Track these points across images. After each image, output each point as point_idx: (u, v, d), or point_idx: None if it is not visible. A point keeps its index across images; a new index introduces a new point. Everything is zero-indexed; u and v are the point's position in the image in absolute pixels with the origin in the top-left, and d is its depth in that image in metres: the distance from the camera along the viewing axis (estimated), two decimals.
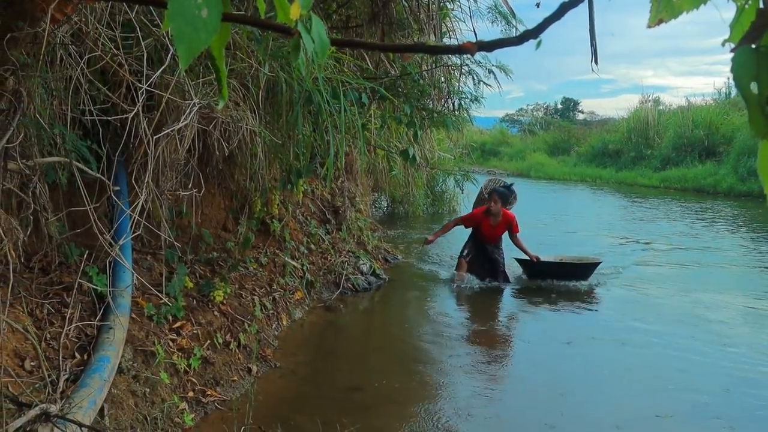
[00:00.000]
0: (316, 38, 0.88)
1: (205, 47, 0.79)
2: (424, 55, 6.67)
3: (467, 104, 7.64)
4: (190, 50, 0.78)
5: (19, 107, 2.50)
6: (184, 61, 0.79)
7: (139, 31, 3.47)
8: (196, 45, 0.78)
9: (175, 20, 0.77)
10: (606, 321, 6.87)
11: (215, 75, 0.94)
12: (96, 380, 3.58)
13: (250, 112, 4.50)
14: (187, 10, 0.77)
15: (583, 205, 18.61)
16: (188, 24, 0.78)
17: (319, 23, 0.88)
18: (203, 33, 0.78)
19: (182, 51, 0.78)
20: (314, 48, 0.88)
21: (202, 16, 0.78)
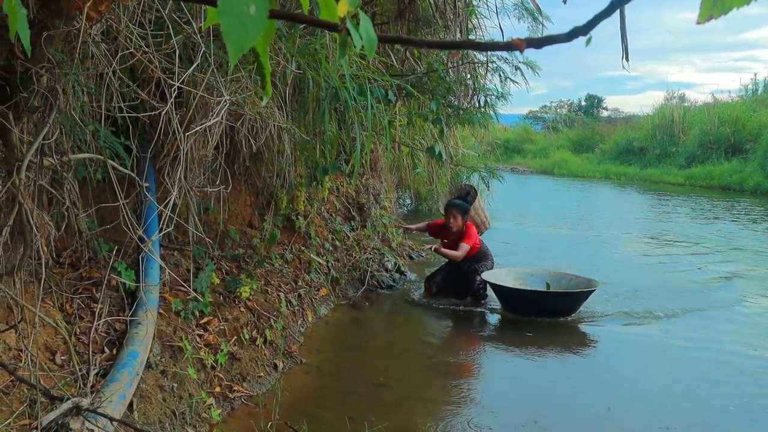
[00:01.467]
0: (365, 35, 0.88)
1: (253, 43, 0.80)
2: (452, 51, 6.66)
3: (493, 101, 7.60)
4: (239, 46, 0.78)
5: (55, 104, 2.53)
6: (234, 57, 0.79)
7: (171, 29, 3.49)
8: (245, 41, 0.79)
9: (224, 17, 0.77)
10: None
11: (258, 71, 0.94)
12: (125, 375, 3.62)
13: (277, 109, 4.52)
14: (235, 7, 0.77)
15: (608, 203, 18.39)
16: (237, 21, 0.78)
17: (367, 20, 0.88)
18: (251, 29, 0.79)
19: (231, 47, 0.78)
20: (362, 44, 0.88)
21: (250, 13, 0.79)
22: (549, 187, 22.83)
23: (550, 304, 6.74)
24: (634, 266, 9.49)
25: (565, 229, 12.97)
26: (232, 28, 0.77)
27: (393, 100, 5.24)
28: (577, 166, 28.73)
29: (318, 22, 0.87)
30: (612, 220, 14.48)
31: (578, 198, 19.69)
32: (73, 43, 3.01)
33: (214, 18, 0.98)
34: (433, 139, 9.04)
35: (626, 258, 10.16)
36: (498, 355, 5.61)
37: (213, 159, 4.49)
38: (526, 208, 16.06)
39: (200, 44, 3.77)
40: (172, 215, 3.56)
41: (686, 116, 27.32)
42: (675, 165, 25.05)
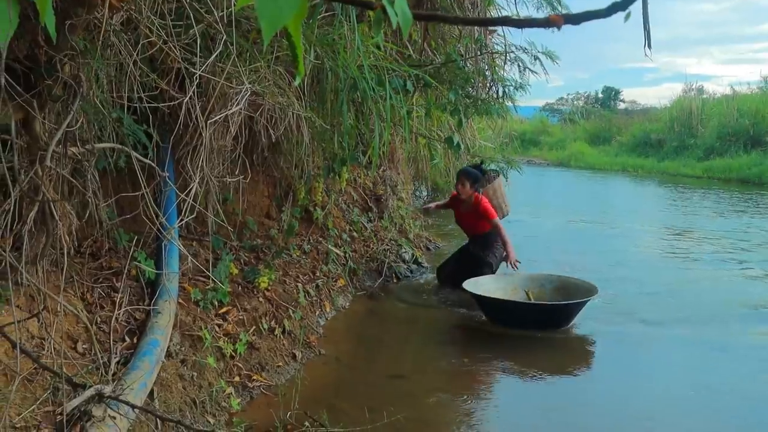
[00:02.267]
0: (400, 12, 0.87)
1: (286, 22, 0.79)
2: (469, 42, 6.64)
3: (511, 92, 7.56)
4: (273, 25, 0.78)
5: (78, 92, 2.54)
6: (267, 36, 0.79)
7: (192, 19, 3.49)
8: (278, 20, 0.78)
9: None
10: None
11: (291, 51, 0.94)
12: (146, 363, 3.64)
13: (296, 100, 4.52)
14: None
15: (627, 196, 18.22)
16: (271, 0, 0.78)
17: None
18: (285, 8, 0.78)
19: (265, 26, 0.78)
20: (398, 21, 0.88)
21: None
22: (566, 180, 22.72)
23: (532, 316, 5.99)
24: (659, 263, 9.18)
25: (584, 223, 12.78)
26: (265, 7, 0.77)
27: (411, 90, 5.23)
28: (594, 159, 28.55)
29: (353, 0, 0.86)
30: (633, 213, 14.21)
31: (596, 190, 19.56)
32: (94, 32, 3.02)
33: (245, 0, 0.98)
34: (450, 130, 9.03)
35: (650, 254, 9.81)
36: (517, 348, 5.58)
37: (232, 149, 4.49)
38: (543, 200, 15.90)
39: (219, 34, 3.78)
40: (194, 204, 3.56)
41: (705, 108, 27.05)
42: (693, 157, 24.81)
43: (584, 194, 18.06)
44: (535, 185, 17.89)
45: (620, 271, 8.35)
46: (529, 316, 5.95)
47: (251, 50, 4.02)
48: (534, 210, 13.70)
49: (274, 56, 4.30)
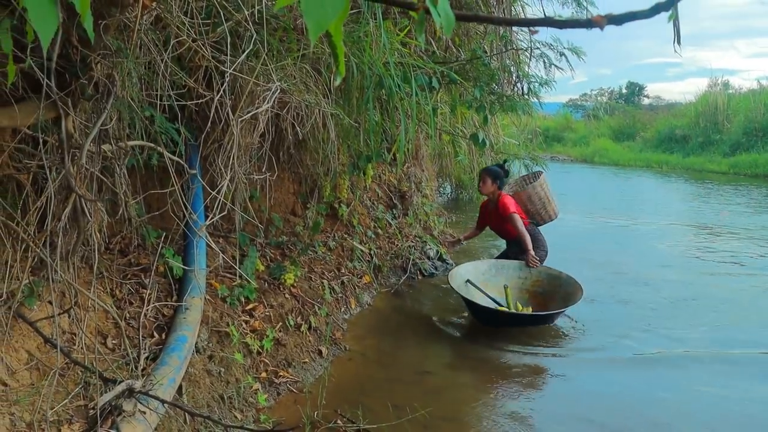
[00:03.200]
0: (443, 13, 0.88)
1: (332, 21, 0.80)
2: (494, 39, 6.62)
3: (536, 88, 7.52)
4: (318, 25, 0.79)
5: (112, 90, 2.57)
6: (313, 35, 0.80)
7: (222, 17, 3.51)
8: (324, 20, 0.79)
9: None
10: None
11: (332, 51, 0.94)
12: (174, 359, 3.67)
13: (323, 97, 4.53)
14: None
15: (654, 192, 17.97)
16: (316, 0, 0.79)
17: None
18: (330, 8, 0.79)
19: (311, 25, 0.79)
20: (441, 22, 0.88)
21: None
22: (590, 176, 22.54)
23: (509, 322, 6.00)
24: (693, 265, 8.89)
25: (611, 219, 12.64)
26: (311, 7, 0.78)
27: (437, 87, 5.22)
28: (618, 155, 28.32)
29: (396, 1, 0.87)
30: (663, 209, 14.08)
31: (622, 187, 19.37)
32: (125, 32, 3.05)
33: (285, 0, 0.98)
34: (474, 127, 9.01)
35: (682, 255, 9.56)
36: (544, 346, 5.56)
37: (259, 146, 4.52)
38: (567, 197, 15.76)
39: (246, 31, 3.80)
40: (225, 201, 3.59)
41: (730, 103, 26.72)
42: (719, 153, 24.55)
43: (610, 191, 17.88)
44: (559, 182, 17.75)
45: (663, 273, 8.22)
46: (509, 322, 5.97)
47: (278, 48, 4.04)
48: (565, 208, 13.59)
49: (301, 54, 4.32)
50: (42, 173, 3.22)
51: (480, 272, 6.45)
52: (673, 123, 29.01)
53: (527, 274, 6.47)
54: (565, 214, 12.63)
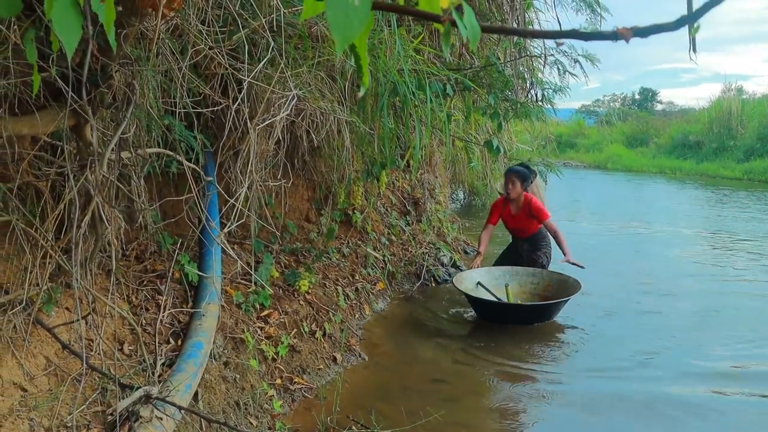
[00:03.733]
0: (469, 25, 0.89)
1: (358, 34, 0.81)
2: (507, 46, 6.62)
3: (550, 95, 7.52)
4: (345, 37, 0.80)
5: (132, 99, 2.59)
6: (339, 48, 0.81)
7: (239, 25, 3.54)
8: (350, 32, 0.80)
9: (331, 9, 0.79)
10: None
11: (356, 63, 0.96)
12: (190, 365, 3.69)
13: (338, 104, 4.55)
14: None
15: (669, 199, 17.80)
16: (342, 12, 0.80)
17: (470, 11, 0.89)
18: (356, 21, 0.80)
19: (338, 38, 0.80)
20: (467, 35, 0.89)
21: (354, 5, 0.80)
22: (604, 182, 22.47)
23: (512, 315, 6.21)
24: (713, 273, 8.65)
25: (627, 227, 12.41)
26: (338, 20, 0.79)
27: (451, 94, 5.23)
28: (631, 161, 28.24)
29: (421, 14, 0.88)
30: (677, 216, 13.88)
31: (636, 193, 19.27)
32: (143, 40, 3.08)
33: (311, 11, 1.00)
34: (487, 133, 9.01)
35: (700, 263, 9.31)
36: (559, 354, 5.55)
37: (274, 153, 4.54)
38: (582, 204, 15.67)
39: (261, 40, 3.82)
40: (243, 209, 3.61)
41: (745, 109, 26.56)
42: (733, 159, 24.40)
43: (625, 197, 17.78)
44: (572, 188, 17.68)
45: (685, 282, 8.05)
46: (513, 315, 6.20)
47: (294, 55, 4.06)
48: (574, 214, 13.50)
49: (316, 61, 4.34)
50: (60, 180, 3.25)
51: (494, 277, 6.57)
52: (686, 129, 28.89)
53: (540, 280, 6.56)
54: (580, 221, 12.62)
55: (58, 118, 2.62)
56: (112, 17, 1.32)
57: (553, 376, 5.04)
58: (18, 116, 2.69)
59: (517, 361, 5.29)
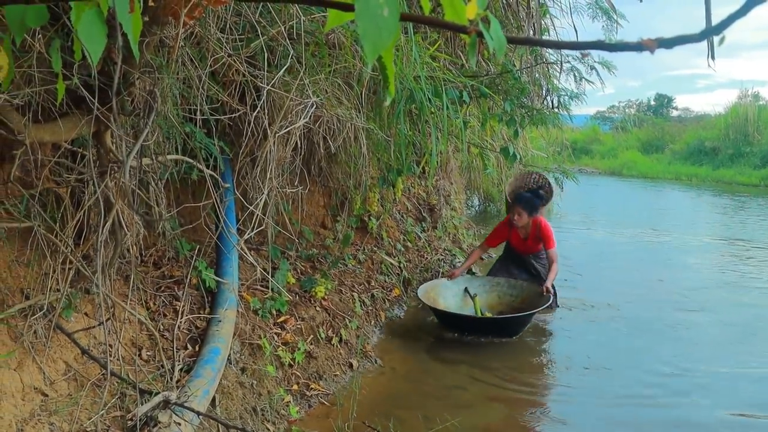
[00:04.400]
0: (495, 36, 0.90)
1: (387, 45, 0.82)
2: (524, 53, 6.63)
3: (566, 101, 7.50)
4: (375, 48, 0.81)
5: (153, 106, 2.62)
6: (370, 58, 0.82)
7: (259, 32, 3.56)
8: (380, 43, 0.81)
9: (361, 20, 0.80)
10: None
11: (382, 72, 0.97)
12: (208, 371, 3.71)
13: (354, 111, 4.57)
14: (371, 10, 0.80)
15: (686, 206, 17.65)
16: (372, 23, 0.81)
17: (496, 22, 0.90)
18: (385, 32, 0.81)
19: (368, 48, 0.81)
20: (494, 46, 0.90)
21: (383, 15, 0.81)
22: (620, 189, 22.35)
23: (476, 327, 5.98)
24: (737, 283, 8.35)
25: (646, 235, 12.08)
26: (368, 30, 0.80)
27: (468, 101, 5.24)
28: (647, 167, 28.07)
29: (447, 25, 0.89)
30: (695, 223, 13.65)
31: (652, 200, 19.10)
32: (161, 48, 3.11)
33: (335, 20, 1.01)
34: (502, 140, 9.00)
35: (722, 272, 9.08)
36: (577, 359, 5.53)
37: (291, 160, 4.56)
38: (598, 210, 15.51)
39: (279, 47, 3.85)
40: (262, 216, 3.63)
41: (761, 114, 26.35)
42: (749, 165, 24.22)
43: (641, 204, 17.62)
44: (588, 195, 17.59)
45: (714, 294, 7.71)
46: (481, 328, 5.96)
47: (312, 62, 4.08)
48: (591, 221, 13.39)
49: (333, 68, 4.36)
50: (80, 187, 3.29)
51: (474, 287, 6.50)
52: (702, 135, 28.71)
53: (519, 292, 6.43)
54: (597, 229, 12.50)
55: (80, 125, 2.65)
56: (138, 28, 1.34)
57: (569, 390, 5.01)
58: (40, 123, 2.72)
59: (534, 369, 5.28)
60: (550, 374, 5.21)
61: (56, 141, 2.79)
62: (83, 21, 1.34)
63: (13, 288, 3.22)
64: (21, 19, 1.38)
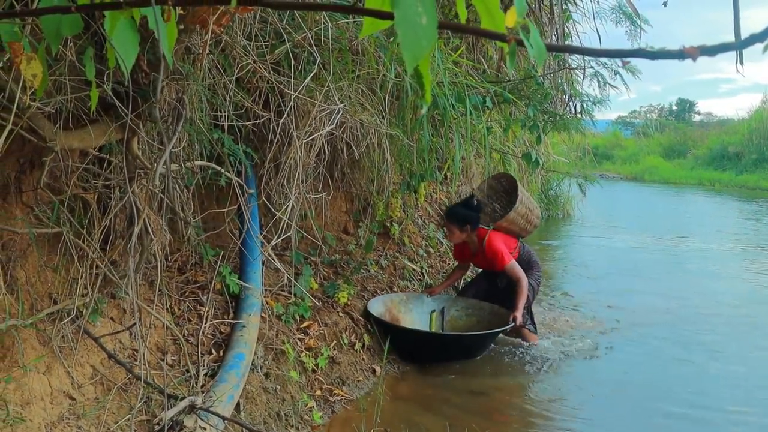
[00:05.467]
0: (535, 44, 0.90)
1: (426, 53, 0.83)
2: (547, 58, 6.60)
3: (590, 107, 7.47)
4: (415, 56, 0.82)
5: (182, 113, 2.65)
6: (410, 66, 0.82)
7: (285, 38, 3.59)
8: (419, 51, 0.82)
9: (401, 28, 0.80)
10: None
11: (417, 81, 0.97)
12: (233, 376, 3.73)
13: (378, 117, 4.58)
14: (410, 18, 0.81)
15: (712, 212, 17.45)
16: (412, 31, 0.81)
17: (535, 30, 0.90)
18: (424, 40, 0.82)
19: (408, 57, 0.81)
20: (534, 54, 0.91)
21: (422, 24, 0.82)
22: (642, 194, 22.20)
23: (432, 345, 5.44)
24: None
25: (673, 244, 11.71)
26: (408, 39, 0.81)
27: (491, 107, 5.24)
28: (669, 172, 27.93)
29: (486, 33, 0.89)
30: (721, 230, 13.32)
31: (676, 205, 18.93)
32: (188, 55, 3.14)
33: (370, 28, 1.02)
34: (524, 146, 8.98)
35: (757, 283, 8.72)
36: (597, 366, 5.50)
37: (315, 166, 4.58)
38: (621, 216, 15.29)
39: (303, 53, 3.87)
40: (289, 222, 3.65)
41: None
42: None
43: (666, 210, 17.42)
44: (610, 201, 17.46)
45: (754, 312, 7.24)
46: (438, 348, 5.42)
47: (337, 68, 4.10)
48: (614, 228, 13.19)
49: (356, 74, 4.37)
50: (107, 192, 3.32)
51: (428, 305, 5.96)
52: (725, 140, 28.53)
53: (479, 313, 5.90)
54: (623, 236, 12.31)
55: (108, 132, 2.68)
56: (174, 37, 1.35)
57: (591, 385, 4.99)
58: (69, 130, 2.76)
59: (555, 372, 5.25)
60: (578, 385, 5.17)
61: (85, 147, 2.82)
62: (118, 29, 1.37)
63: (41, 293, 3.26)
64: (57, 29, 1.40)
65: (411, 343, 5.33)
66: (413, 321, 5.72)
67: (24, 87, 2.09)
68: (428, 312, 5.81)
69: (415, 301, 5.93)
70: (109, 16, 1.34)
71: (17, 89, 2.11)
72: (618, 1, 7.52)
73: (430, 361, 5.26)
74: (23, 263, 3.18)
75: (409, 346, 5.31)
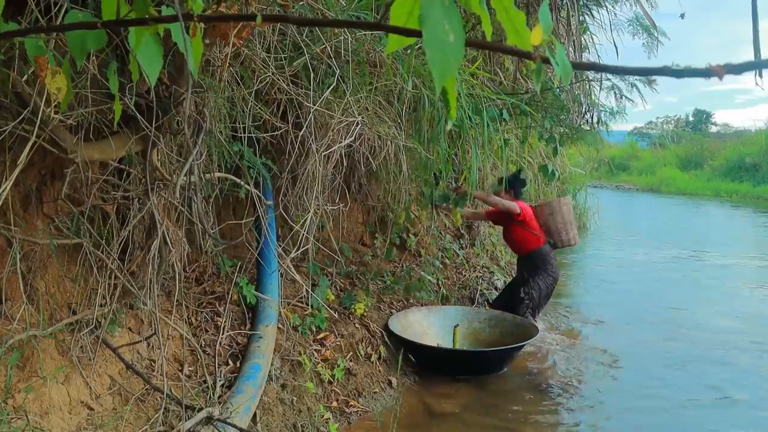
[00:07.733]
0: (560, 62, 0.90)
1: (454, 71, 0.83)
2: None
3: (607, 118, 7.44)
4: (443, 74, 0.82)
5: (203, 125, 2.66)
6: (439, 83, 0.83)
7: (305, 50, 3.60)
8: (447, 68, 0.82)
9: (429, 47, 0.81)
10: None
11: (443, 96, 0.97)
12: (250, 387, 3.73)
13: (395, 129, 4.58)
14: (438, 37, 0.81)
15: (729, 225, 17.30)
16: (439, 49, 0.82)
17: (561, 47, 0.91)
18: (452, 57, 0.82)
19: (437, 74, 0.82)
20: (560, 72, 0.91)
21: (450, 42, 0.82)
22: (659, 206, 22.07)
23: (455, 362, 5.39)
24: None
25: (693, 257, 11.52)
26: (436, 57, 0.81)
27: (508, 119, 5.23)
28: (686, 184, 27.77)
29: (512, 51, 0.89)
30: (741, 243, 13.10)
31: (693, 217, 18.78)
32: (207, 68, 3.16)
33: (395, 45, 1.02)
34: (540, 156, 8.96)
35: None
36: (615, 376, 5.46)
37: (332, 178, 4.59)
38: (637, 228, 15.10)
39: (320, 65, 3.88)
40: (308, 235, 3.65)
41: None
42: None
43: (685, 222, 17.24)
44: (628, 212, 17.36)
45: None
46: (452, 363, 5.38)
47: (355, 81, 4.11)
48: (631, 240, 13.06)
49: (374, 86, 4.38)
50: (126, 203, 3.34)
51: (450, 318, 5.93)
52: (742, 151, 28.36)
53: (502, 324, 5.90)
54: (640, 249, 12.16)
55: (129, 144, 2.70)
56: (200, 52, 1.37)
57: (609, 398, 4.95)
58: (90, 142, 2.78)
59: (573, 383, 5.21)
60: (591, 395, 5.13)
61: (105, 159, 2.84)
62: (143, 44, 1.38)
63: (61, 303, 3.28)
64: (82, 43, 1.41)
65: (437, 360, 5.34)
66: (436, 336, 5.69)
67: (47, 100, 2.10)
68: (451, 326, 5.71)
69: (436, 314, 5.93)
70: (135, 32, 1.35)
71: (41, 102, 2.13)
72: (635, 13, 7.52)
73: (455, 375, 5.23)
74: (43, 274, 3.21)
75: (436, 363, 5.32)
